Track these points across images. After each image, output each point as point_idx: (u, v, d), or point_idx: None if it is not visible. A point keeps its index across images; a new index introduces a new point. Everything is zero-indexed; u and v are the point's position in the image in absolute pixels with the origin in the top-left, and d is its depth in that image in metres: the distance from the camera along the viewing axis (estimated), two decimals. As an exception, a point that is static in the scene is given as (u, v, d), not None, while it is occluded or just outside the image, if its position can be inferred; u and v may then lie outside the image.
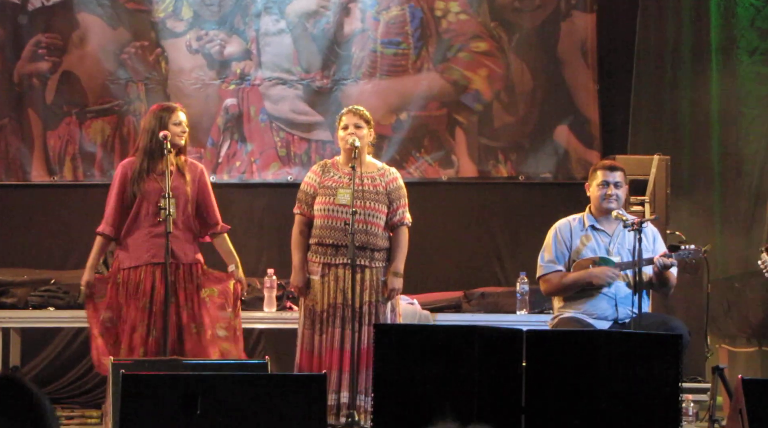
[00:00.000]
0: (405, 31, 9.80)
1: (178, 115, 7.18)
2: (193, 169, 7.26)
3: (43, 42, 9.62)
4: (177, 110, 7.22)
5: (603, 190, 7.22)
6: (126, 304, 7.01)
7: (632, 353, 5.89)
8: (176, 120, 7.16)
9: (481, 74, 9.79)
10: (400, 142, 9.74)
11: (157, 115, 7.17)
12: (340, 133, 7.30)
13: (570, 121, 9.81)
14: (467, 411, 5.62)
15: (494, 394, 5.80)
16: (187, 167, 7.23)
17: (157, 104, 7.56)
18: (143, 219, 7.08)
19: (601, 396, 5.69)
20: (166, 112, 7.18)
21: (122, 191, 7.13)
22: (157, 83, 9.67)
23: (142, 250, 7.06)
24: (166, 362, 6.52)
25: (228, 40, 9.74)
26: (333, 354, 7.08)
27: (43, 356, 9.24)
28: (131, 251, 7.09)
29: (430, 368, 5.75)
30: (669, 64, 9.66)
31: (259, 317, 8.32)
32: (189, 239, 7.19)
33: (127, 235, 7.12)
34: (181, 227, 7.12)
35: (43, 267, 8.95)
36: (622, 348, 5.89)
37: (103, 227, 7.15)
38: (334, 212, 7.18)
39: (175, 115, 7.17)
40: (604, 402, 5.67)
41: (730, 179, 9.57)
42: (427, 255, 9.28)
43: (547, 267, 7.30)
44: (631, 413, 5.73)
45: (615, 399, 5.70)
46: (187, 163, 7.27)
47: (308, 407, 5.47)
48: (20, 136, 9.58)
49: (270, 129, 9.74)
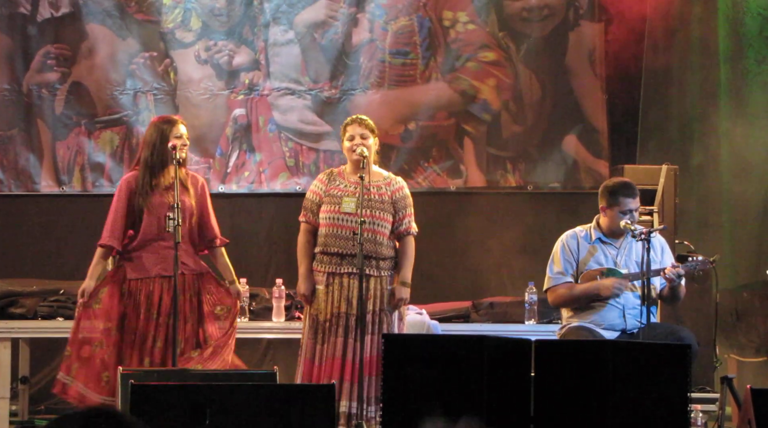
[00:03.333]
0: (413, 41, 9.81)
1: (179, 127, 7.18)
2: (194, 182, 7.27)
3: (52, 53, 9.65)
4: (178, 123, 7.22)
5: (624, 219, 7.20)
6: (133, 315, 7.01)
7: (641, 363, 5.88)
8: (177, 133, 7.15)
9: (490, 84, 9.80)
10: (409, 152, 9.74)
11: (159, 127, 7.17)
12: (346, 143, 7.30)
13: (578, 131, 9.81)
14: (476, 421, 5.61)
15: (503, 404, 5.80)
16: (189, 180, 7.24)
17: (158, 117, 7.57)
18: (150, 232, 7.08)
19: (610, 406, 5.68)
20: (167, 125, 7.18)
21: (127, 205, 7.13)
22: (166, 94, 9.69)
23: (151, 263, 7.07)
24: (175, 372, 6.53)
25: (237, 50, 9.75)
26: (335, 363, 7.08)
27: (52, 366, 9.24)
28: (139, 263, 7.09)
29: (439, 378, 5.75)
30: (677, 73, 9.65)
31: (268, 327, 8.32)
32: (191, 252, 7.20)
33: (135, 248, 7.12)
34: (186, 240, 7.13)
35: (53, 277, 8.96)
36: (630, 358, 5.89)
37: (106, 239, 7.13)
38: (339, 220, 7.19)
39: (176, 127, 7.16)
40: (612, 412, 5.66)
41: (738, 189, 9.56)
42: (436, 265, 9.29)
43: (555, 278, 7.30)
44: (639, 423, 5.72)
45: (623, 409, 5.69)
46: (189, 176, 7.27)
47: (317, 417, 5.48)
48: (29, 146, 9.60)
49: (278, 139, 9.75)
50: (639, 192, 7.36)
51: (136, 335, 6.99)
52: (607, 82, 9.79)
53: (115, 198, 7.21)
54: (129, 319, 7.02)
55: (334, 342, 7.11)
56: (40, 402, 8.92)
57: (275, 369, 6.42)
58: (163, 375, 6.41)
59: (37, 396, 8.95)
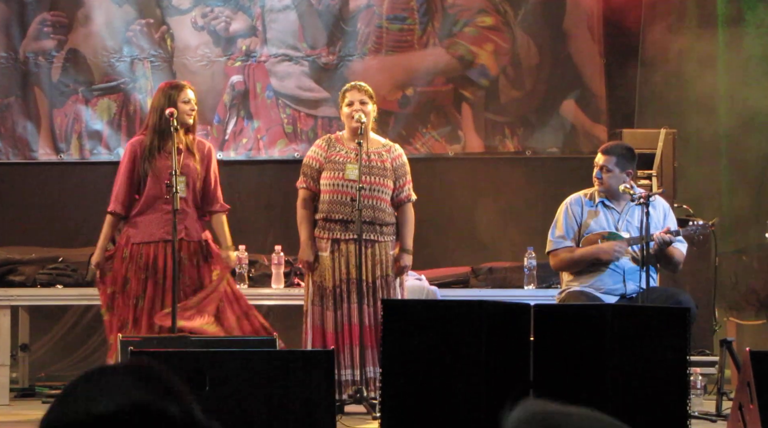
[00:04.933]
0: (410, 6, 9.77)
1: (187, 92, 7.16)
2: (201, 148, 7.26)
3: (48, 20, 9.62)
4: (186, 88, 7.20)
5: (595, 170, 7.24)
6: (135, 278, 7.02)
7: (640, 327, 5.89)
8: (185, 98, 7.14)
9: (487, 49, 9.77)
10: (407, 118, 9.73)
11: (166, 92, 7.16)
12: (345, 109, 7.27)
13: (577, 96, 9.79)
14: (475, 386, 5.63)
15: (502, 369, 5.80)
16: (196, 146, 7.23)
17: (166, 82, 7.56)
18: (155, 197, 7.07)
19: (609, 369, 5.69)
20: (174, 90, 7.17)
21: (132, 169, 7.12)
22: (163, 61, 9.66)
23: (155, 227, 7.06)
24: (175, 339, 6.54)
25: (233, 16, 9.72)
26: (353, 329, 7.05)
27: (52, 334, 9.27)
28: (142, 228, 7.08)
29: (438, 343, 5.76)
30: (676, 37, 9.62)
31: (267, 293, 8.32)
32: (196, 217, 7.20)
33: (139, 213, 7.12)
34: (191, 205, 7.13)
35: (51, 245, 8.96)
36: (629, 322, 5.89)
37: (114, 206, 7.14)
38: (343, 187, 7.15)
39: (183, 92, 7.15)
40: (611, 376, 5.67)
41: (737, 152, 9.55)
42: (435, 231, 9.29)
43: (556, 242, 7.31)
44: (638, 386, 5.74)
45: (623, 373, 5.70)
46: (196, 142, 7.27)
47: (317, 382, 5.49)
48: (27, 114, 9.59)
49: (276, 105, 9.74)
50: (612, 152, 7.36)
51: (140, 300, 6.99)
52: (605, 46, 9.76)
53: (122, 163, 7.22)
54: (130, 283, 7.02)
55: (348, 308, 7.07)
56: (40, 369, 8.94)
57: (275, 335, 6.43)
58: (163, 342, 6.43)
59: (37, 363, 8.97)
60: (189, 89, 7.20)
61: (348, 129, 7.29)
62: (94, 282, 7.24)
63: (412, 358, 5.81)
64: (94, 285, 7.31)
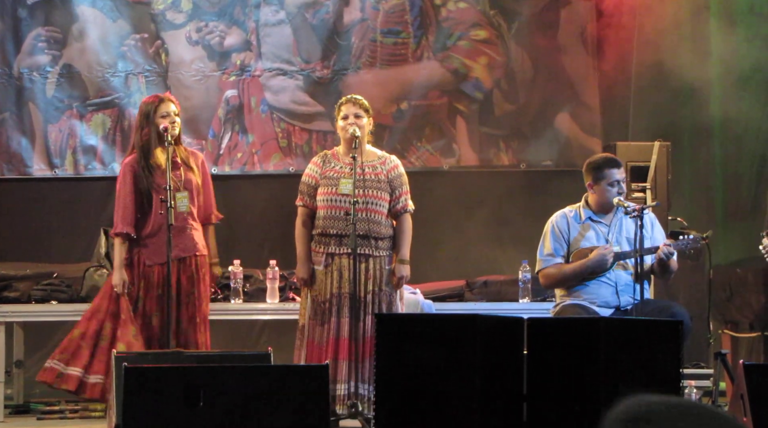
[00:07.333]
0: (404, 20, 9.79)
1: (166, 105, 7.10)
2: (195, 159, 7.26)
3: (42, 35, 9.63)
4: (164, 101, 7.13)
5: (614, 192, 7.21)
6: (147, 298, 6.99)
7: (633, 339, 5.90)
8: (163, 112, 7.08)
9: (481, 62, 9.79)
10: (401, 132, 9.74)
11: (143, 110, 7.13)
12: (340, 122, 7.29)
13: (571, 109, 9.81)
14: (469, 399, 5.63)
15: (496, 382, 5.81)
16: (191, 158, 7.22)
17: (146, 97, 7.50)
18: (159, 214, 7.00)
19: (603, 383, 5.69)
20: (150, 106, 7.11)
21: (134, 188, 7.07)
22: (158, 75, 9.67)
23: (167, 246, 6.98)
24: (169, 354, 6.53)
25: (228, 31, 9.74)
26: (340, 343, 7.04)
27: (47, 350, 9.24)
28: (154, 247, 7.04)
29: (432, 357, 5.76)
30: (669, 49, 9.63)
31: (262, 308, 8.32)
32: (201, 230, 7.20)
33: (149, 233, 7.07)
34: (197, 218, 7.14)
35: (46, 261, 8.95)
36: (623, 335, 5.90)
37: (122, 227, 7.05)
38: (337, 202, 7.16)
39: (161, 106, 7.09)
40: (605, 389, 5.67)
41: (731, 164, 9.56)
42: (429, 245, 9.29)
43: (546, 260, 7.30)
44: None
45: (616, 386, 5.70)
46: (189, 153, 7.26)
47: (311, 397, 5.49)
48: (21, 129, 9.59)
49: (271, 120, 9.75)
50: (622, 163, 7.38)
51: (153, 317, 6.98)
52: (599, 60, 9.77)
53: (120, 183, 7.14)
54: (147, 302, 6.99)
55: (336, 322, 7.07)
56: (35, 385, 8.92)
57: (269, 350, 6.43)
58: (158, 358, 6.42)
59: (32, 379, 8.95)
60: (168, 101, 7.15)
61: (343, 142, 7.30)
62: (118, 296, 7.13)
63: (406, 372, 5.81)
64: (89, 301, 7.26)
